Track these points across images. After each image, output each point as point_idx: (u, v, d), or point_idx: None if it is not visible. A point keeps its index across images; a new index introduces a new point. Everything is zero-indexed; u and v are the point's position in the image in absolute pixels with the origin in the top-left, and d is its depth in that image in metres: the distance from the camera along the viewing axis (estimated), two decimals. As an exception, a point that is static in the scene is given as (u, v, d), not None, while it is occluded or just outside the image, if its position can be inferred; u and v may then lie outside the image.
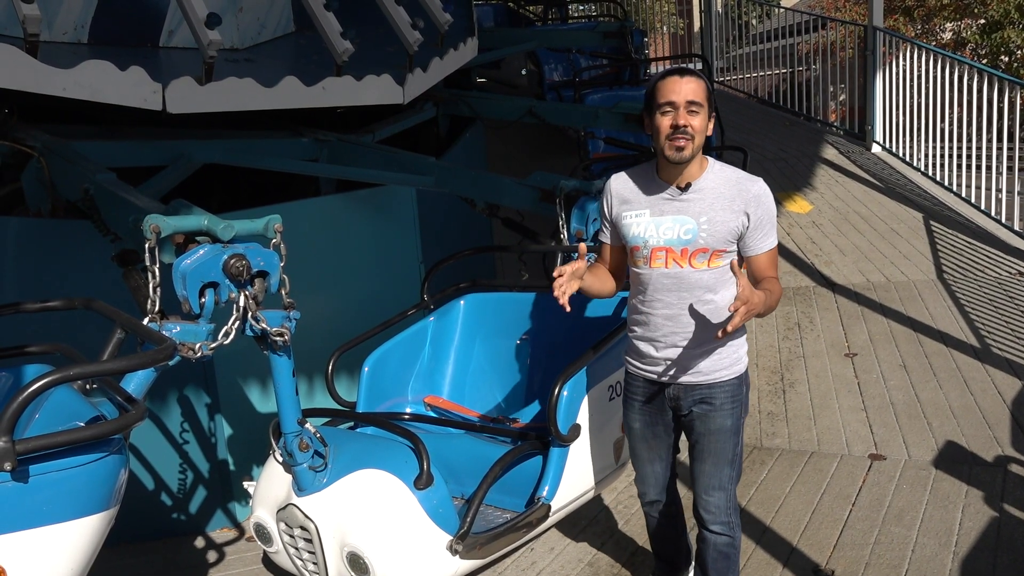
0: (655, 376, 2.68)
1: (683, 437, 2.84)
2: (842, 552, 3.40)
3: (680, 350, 2.59)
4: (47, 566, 2.02)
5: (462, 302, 4.04)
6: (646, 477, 2.88)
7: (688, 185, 2.52)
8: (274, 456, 3.02)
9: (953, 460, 3.99)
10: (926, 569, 3.22)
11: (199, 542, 4.09)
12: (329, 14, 4.39)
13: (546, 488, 3.25)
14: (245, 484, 3.35)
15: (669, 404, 2.70)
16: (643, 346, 2.67)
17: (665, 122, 2.46)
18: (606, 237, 2.75)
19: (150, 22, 4.81)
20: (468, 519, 2.98)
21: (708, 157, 2.60)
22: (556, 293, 2.44)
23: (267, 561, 3.66)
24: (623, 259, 2.74)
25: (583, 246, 2.52)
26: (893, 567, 3.27)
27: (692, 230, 2.50)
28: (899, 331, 5.31)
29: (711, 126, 2.53)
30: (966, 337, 5.11)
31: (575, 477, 3.32)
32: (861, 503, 3.75)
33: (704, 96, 2.46)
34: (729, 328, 2.30)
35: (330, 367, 3.68)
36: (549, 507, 3.25)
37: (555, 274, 2.46)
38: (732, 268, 2.42)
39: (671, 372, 2.64)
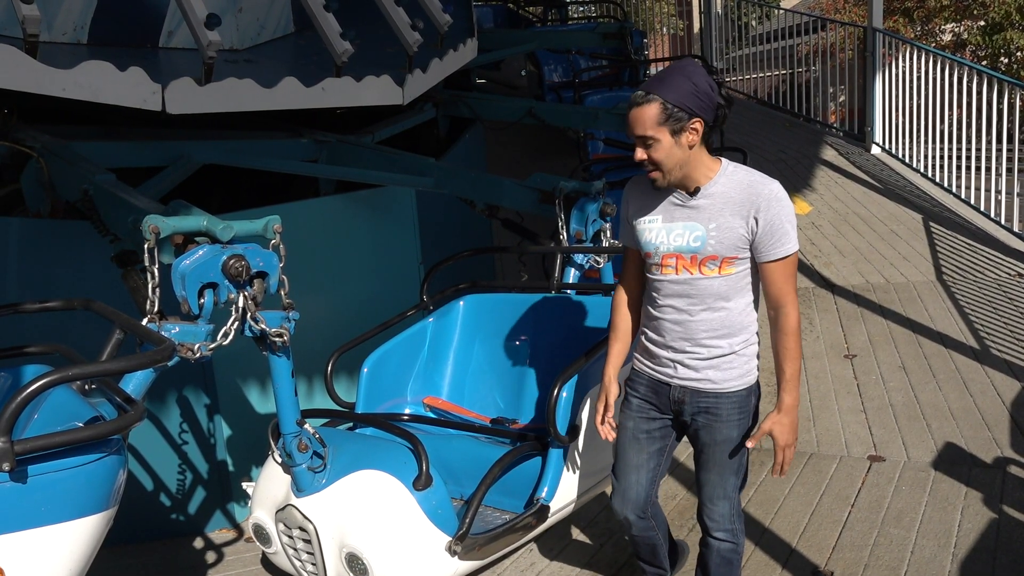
0: (662, 377, 2.63)
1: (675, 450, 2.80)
2: (841, 553, 3.40)
3: (689, 356, 2.55)
4: (46, 566, 2.01)
5: (461, 303, 4.04)
6: (627, 490, 2.72)
7: (697, 190, 2.45)
8: (273, 457, 3.03)
9: (952, 462, 3.99)
10: (925, 570, 3.22)
11: (198, 543, 4.09)
12: (329, 15, 4.39)
13: (545, 489, 3.25)
14: (244, 485, 3.35)
15: (673, 406, 2.63)
16: (652, 348, 2.63)
17: (636, 153, 2.43)
18: (629, 241, 2.68)
19: (149, 23, 4.81)
20: (467, 520, 2.98)
21: (722, 159, 2.50)
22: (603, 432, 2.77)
23: (266, 562, 3.66)
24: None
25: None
26: (892, 568, 3.26)
27: (701, 237, 2.44)
28: (898, 332, 5.31)
29: (689, 137, 2.37)
30: (965, 339, 5.11)
31: (574, 478, 3.32)
32: (860, 504, 3.75)
33: (654, 124, 2.33)
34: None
35: (329, 368, 3.68)
36: (548, 508, 3.25)
37: (602, 419, 2.77)
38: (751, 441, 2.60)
39: (678, 376, 2.59)
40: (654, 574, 3.02)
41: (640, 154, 2.39)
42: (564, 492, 3.30)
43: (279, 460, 2.97)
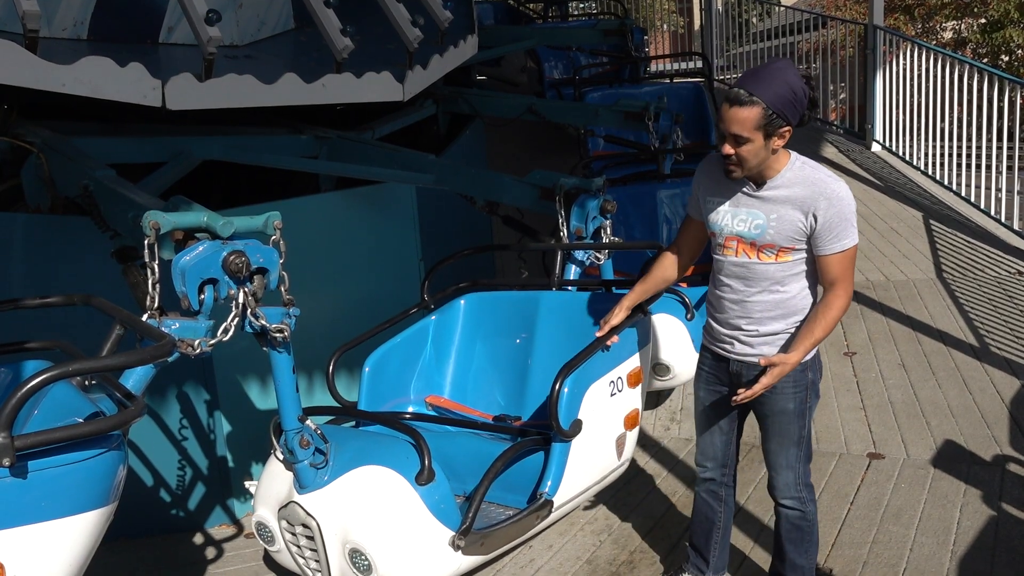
0: (721, 351, 2.80)
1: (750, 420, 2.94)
2: (840, 551, 3.40)
3: (744, 333, 2.70)
4: (46, 562, 2.02)
5: (462, 301, 4.04)
6: (705, 448, 2.99)
7: (764, 183, 2.57)
8: (275, 454, 3.02)
9: (951, 459, 3.99)
10: (924, 568, 3.23)
11: (198, 539, 4.09)
12: (329, 11, 4.38)
13: (548, 484, 3.25)
14: (247, 484, 3.35)
15: (732, 378, 2.78)
16: (713, 324, 2.81)
17: (721, 146, 2.52)
18: (694, 212, 2.83)
19: (150, 19, 4.81)
20: (470, 515, 2.97)
21: (792, 152, 2.59)
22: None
23: (266, 558, 3.66)
24: (704, 235, 2.82)
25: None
26: (891, 566, 3.27)
27: (761, 226, 2.58)
28: (898, 330, 5.31)
29: (778, 142, 2.47)
30: (965, 336, 5.11)
31: (577, 473, 3.32)
32: (859, 502, 3.75)
33: (752, 127, 2.42)
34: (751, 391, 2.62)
35: (330, 367, 3.67)
36: (551, 503, 3.24)
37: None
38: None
39: (735, 351, 2.75)
40: (693, 570, 3.11)
41: (728, 149, 2.48)
42: (567, 487, 3.29)
43: (281, 457, 2.97)
